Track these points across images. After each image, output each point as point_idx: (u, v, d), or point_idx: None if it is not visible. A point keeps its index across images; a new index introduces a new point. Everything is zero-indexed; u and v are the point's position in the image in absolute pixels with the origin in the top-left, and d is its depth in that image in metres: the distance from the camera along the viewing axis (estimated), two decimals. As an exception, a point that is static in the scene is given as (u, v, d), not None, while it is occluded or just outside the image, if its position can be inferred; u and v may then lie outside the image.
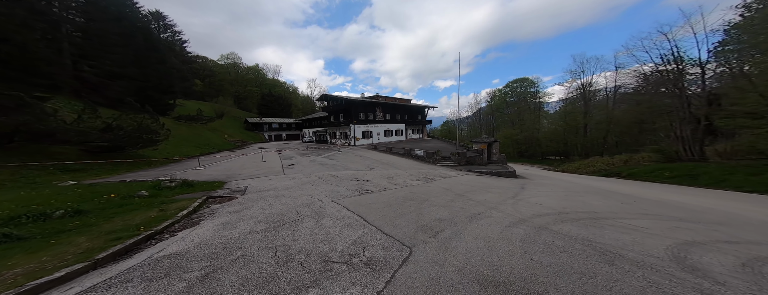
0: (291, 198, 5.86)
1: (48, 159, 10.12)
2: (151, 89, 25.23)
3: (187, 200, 4.99)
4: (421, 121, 38.85)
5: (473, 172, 11.93)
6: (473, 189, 7.34)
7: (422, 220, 4.10)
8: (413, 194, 6.54)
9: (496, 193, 6.73)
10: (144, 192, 5.23)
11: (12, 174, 7.80)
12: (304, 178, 8.92)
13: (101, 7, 22.44)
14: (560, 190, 7.88)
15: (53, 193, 5.35)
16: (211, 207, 4.87)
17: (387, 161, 15.10)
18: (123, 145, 13.10)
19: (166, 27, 35.71)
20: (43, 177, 8.20)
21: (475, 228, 3.66)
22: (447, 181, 8.93)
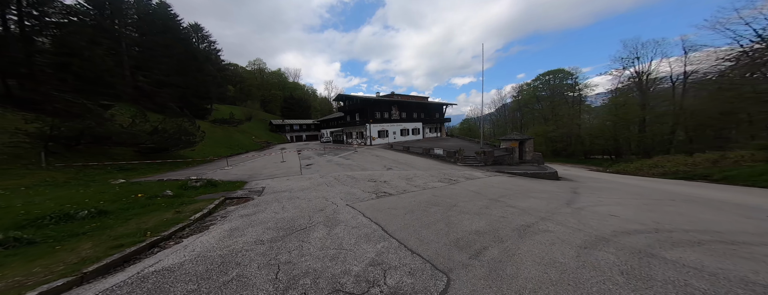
0: (305, 200, 5.57)
1: (108, 159, 11.57)
2: (191, 95, 28.03)
3: (205, 201, 4.98)
4: (439, 119, 37.14)
5: (503, 172, 10.60)
6: (509, 193, 6.30)
7: (455, 232, 3.38)
8: (437, 197, 5.78)
9: (542, 198, 5.62)
10: (169, 192, 5.39)
11: (76, 173, 8.97)
12: (320, 178, 8.71)
13: (150, 21, 25.50)
14: (631, 196, 6.38)
15: (96, 191, 5.83)
16: (227, 209, 4.77)
17: (404, 160, 14.40)
18: (167, 147, 14.54)
19: (203, 38, 39.61)
20: (101, 175, 9.29)
21: (533, 247, 2.81)
22: (474, 182, 7.96)
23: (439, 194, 6.26)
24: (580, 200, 5.53)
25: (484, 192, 6.41)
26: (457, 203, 5.24)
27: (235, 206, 5.04)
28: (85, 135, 10.31)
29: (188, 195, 5.62)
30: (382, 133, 28.79)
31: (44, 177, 7.76)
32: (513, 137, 14.51)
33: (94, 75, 14.83)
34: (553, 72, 35.53)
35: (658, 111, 23.53)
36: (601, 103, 29.65)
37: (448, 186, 7.34)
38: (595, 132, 26.86)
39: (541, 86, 37.78)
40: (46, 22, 13.66)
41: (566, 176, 11.97)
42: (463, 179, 8.72)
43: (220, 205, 4.95)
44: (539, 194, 6.26)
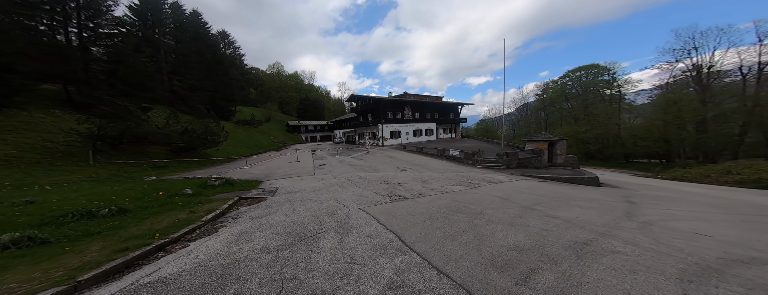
0: (317, 203, 5.35)
1: (145, 157, 12.64)
2: (218, 98, 30.07)
3: (220, 201, 4.97)
4: (454, 119, 35.65)
5: (531, 176, 9.58)
6: (545, 200, 5.52)
7: (488, 247, 2.85)
8: (458, 203, 5.22)
9: (590, 208, 4.80)
10: (189, 190, 5.52)
11: (117, 170, 9.84)
12: (332, 179, 8.54)
13: (184, 29, 27.86)
14: (714, 209, 5.29)
15: (126, 188, 6.20)
16: (239, 210, 4.69)
17: (418, 162, 13.82)
18: (195, 146, 15.57)
19: (228, 44, 42.58)
20: (138, 173, 10.09)
21: (605, 275, 2.16)
22: (498, 187, 7.21)
23: (459, 198, 5.68)
24: (643, 212, 4.60)
25: (513, 198, 5.69)
26: (482, 210, 4.65)
27: (247, 206, 4.96)
28: (126, 135, 11.34)
29: (206, 194, 5.71)
30: (395, 133, 28.31)
31: (90, 173, 8.57)
32: (541, 138, 13.18)
33: (137, 80, 16.39)
34: (586, 68, 32.09)
35: (723, 108, 19.88)
36: (649, 99, 25.73)
37: (468, 190, 6.72)
38: (640, 133, 23.41)
39: (571, 83, 34.39)
40: (99, 33, 15.39)
41: (609, 183, 10.51)
42: (484, 182, 7.99)
43: (233, 205, 4.90)
44: (584, 202, 5.38)
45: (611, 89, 29.20)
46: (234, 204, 4.96)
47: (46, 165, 8.10)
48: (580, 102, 31.92)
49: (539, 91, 39.86)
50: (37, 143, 9.03)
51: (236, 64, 41.95)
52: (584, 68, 32.23)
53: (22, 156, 7.92)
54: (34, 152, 8.41)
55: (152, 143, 13.09)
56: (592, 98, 30.51)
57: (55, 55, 13.10)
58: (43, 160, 8.26)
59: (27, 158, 8.01)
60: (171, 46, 26.25)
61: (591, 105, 30.07)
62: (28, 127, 9.81)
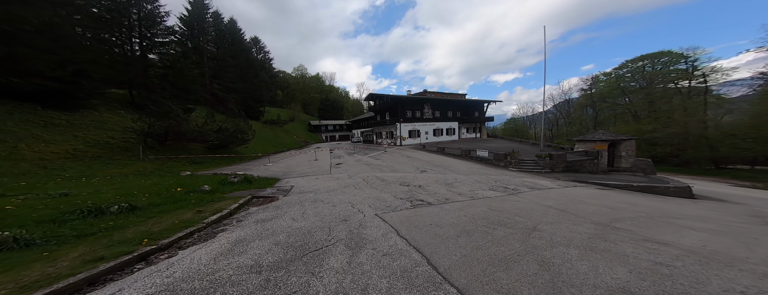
0: (329, 205, 4.81)
1: (186, 154, 13.93)
2: (249, 99, 32.53)
3: (232, 200, 4.75)
4: (479, 118, 32.87)
5: (586, 183, 7.84)
6: (625, 215, 4.18)
7: (571, 288, 1.88)
8: (497, 212, 4.19)
9: (715, 233, 3.40)
10: (206, 187, 5.49)
11: (162, 164, 10.86)
12: (348, 179, 8.03)
13: (222, 36, 30.69)
14: None
15: (155, 183, 6.52)
16: (248, 210, 4.37)
17: (439, 162, 12.63)
18: (227, 143, 16.78)
19: (260, 49, 46.16)
20: (178, 168, 10.99)
21: None
22: (545, 194, 5.87)
23: (498, 207, 4.61)
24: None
25: (573, 210, 4.42)
26: (535, 224, 3.57)
27: (257, 206, 4.64)
28: (170, 133, 12.56)
29: (222, 191, 5.64)
30: (413, 133, 27.12)
31: (139, 168, 9.53)
32: (598, 137, 10.84)
33: (184, 84, 18.33)
34: (652, 56, 26.25)
35: None
36: (753, 91, 19.39)
37: (506, 197, 5.54)
38: (741, 131, 17.84)
39: (630, 75, 28.75)
40: (154, 42, 17.55)
41: (706, 194, 8.06)
42: (524, 188, 6.65)
43: (244, 205, 4.62)
44: (694, 222, 3.89)
45: (691, 80, 23.30)
46: (245, 204, 4.69)
47: (106, 159, 9.24)
48: (643, 96, 26.41)
49: (585, 86, 34.41)
50: (102, 139, 10.41)
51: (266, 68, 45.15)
52: (649, 57, 26.44)
53: (87, 150, 9.15)
54: (97, 147, 9.68)
55: (191, 140, 14.37)
56: (660, 91, 24.93)
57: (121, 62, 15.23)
58: (103, 154, 9.45)
59: (91, 152, 9.23)
60: (212, 53, 29.09)
61: (660, 99, 24.61)
62: (97, 126, 11.42)
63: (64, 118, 10.36)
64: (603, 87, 30.73)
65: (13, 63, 8.26)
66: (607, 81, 30.45)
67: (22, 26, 7.88)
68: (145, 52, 17.20)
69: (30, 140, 7.87)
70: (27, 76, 8.56)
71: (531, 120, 49.37)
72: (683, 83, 23.87)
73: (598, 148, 10.21)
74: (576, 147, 11.65)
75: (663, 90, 25.02)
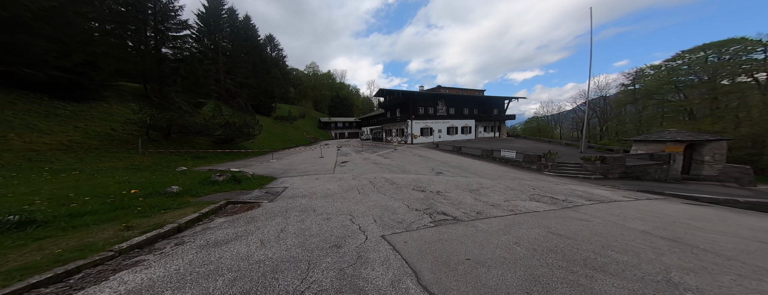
0: (321, 217, 3.61)
1: (191, 148, 13.62)
2: (261, 95, 32.71)
3: (195, 207, 3.70)
4: (498, 116, 30.35)
5: (660, 194, 6.05)
6: None
7: None
8: (563, 239, 2.78)
9: None
10: (174, 188, 4.52)
11: (161, 158, 10.44)
12: (352, 180, 6.84)
13: (236, 33, 31.05)
14: None
15: (125, 181, 5.74)
16: (210, 223, 3.23)
17: (457, 163, 11.08)
18: (232, 138, 16.41)
19: (274, 47, 46.76)
20: (179, 162, 10.51)
21: None
22: (613, 209, 4.37)
23: (561, 229, 3.16)
24: None
25: (689, 240, 2.85)
26: (657, 269, 2.09)
27: (226, 217, 3.54)
28: (173, 125, 12.23)
29: (196, 193, 4.67)
30: (425, 130, 25.45)
31: (135, 161, 9.09)
32: (671, 137, 8.55)
33: (195, 77, 18.31)
34: (718, 45, 21.98)
35: None
36: None
37: (561, 212, 4.06)
38: None
39: (687, 68, 24.61)
40: (168, 36, 17.61)
41: None
42: (579, 199, 5.10)
43: (209, 214, 3.54)
44: None
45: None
46: (211, 212, 3.60)
47: (102, 151, 8.91)
48: (705, 91, 22.40)
49: (627, 81, 30.35)
50: (104, 131, 10.18)
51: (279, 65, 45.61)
52: (714, 46, 22.20)
53: (84, 142, 8.85)
54: (96, 139, 9.40)
55: (195, 134, 14.05)
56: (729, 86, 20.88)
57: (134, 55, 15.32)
58: (101, 146, 9.14)
59: (88, 144, 8.93)
60: (226, 49, 29.47)
61: (727, 95, 20.64)
62: (104, 118, 11.30)
63: (69, 108, 10.26)
64: (650, 81, 26.74)
65: (15, 51, 8.04)
66: (656, 75, 26.39)
67: (20, 12, 7.58)
68: (159, 45, 17.28)
69: (23, 130, 7.59)
70: (31, 66, 8.34)
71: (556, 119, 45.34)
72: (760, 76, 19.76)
73: (670, 150, 8.03)
74: (634, 149, 9.47)
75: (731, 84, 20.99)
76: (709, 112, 21.71)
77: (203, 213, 3.33)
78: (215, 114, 16.22)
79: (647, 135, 9.65)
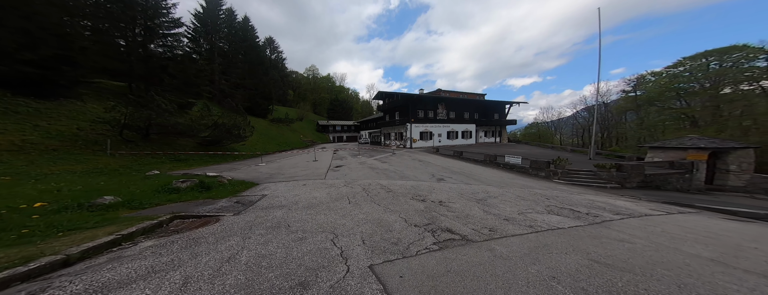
0: (296, 236, 2.79)
1: (175, 149, 12.69)
2: (257, 96, 32.05)
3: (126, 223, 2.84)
4: (499, 121, 29.98)
5: (690, 206, 5.49)
6: None
7: None
8: (619, 272, 2.01)
9: None
10: (107, 198, 3.60)
11: (133, 161, 9.50)
12: (343, 187, 6.05)
13: (234, 33, 30.71)
14: None
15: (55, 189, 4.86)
16: (134, 247, 2.35)
17: (458, 169, 10.33)
18: (220, 139, 15.53)
19: (274, 49, 46.72)
20: (152, 165, 9.56)
21: None
22: (651, 225, 3.63)
23: (606, 256, 2.38)
24: None
25: None
26: None
27: (159, 238, 2.65)
28: (153, 125, 11.36)
29: (140, 204, 3.80)
30: (425, 135, 24.84)
31: (99, 164, 8.16)
32: (693, 144, 7.88)
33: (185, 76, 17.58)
34: (720, 51, 22.08)
35: None
36: None
37: (594, 229, 3.31)
38: None
39: (689, 74, 24.65)
40: (157, 33, 17.00)
41: None
42: (604, 212, 4.39)
43: (135, 235, 2.65)
44: None
45: None
46: (139, 232, 2.71)
47: (62, 153, 7.98)
48: (707, 99, 22.24)
49: (628, 87, 30.37)
50: (69, 131, 9.27)
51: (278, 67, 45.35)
52: (715, 53, 22.27)
53: (41, 142, 7.94)
54: (56, 139, 8.48)
55: (178, 135, 13.17)
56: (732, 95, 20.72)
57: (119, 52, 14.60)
58: (61, 147, 8.22)
59: (46, 144, 8.01)
60: (223, 49, 29.03)
61: (730, 103, 20.45)
62: (73, 116, 10.40)
63: (33, 106, 9.38)
64: (652, 88, 26.69)
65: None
66: (657, 81, 26.36)
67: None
68: (147, 42, 16.63)
69: (-36, 127, 6.68)
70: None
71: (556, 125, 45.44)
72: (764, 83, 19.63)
73: (692, 158, 7.35)
74: (649, 156, 8.81)
75: (734, 92, 20.84)
76: (711, 119, 21.42)
77: (124, 235, 2.46)
78: (203, 114, 15.38)
79: (664, 141, 9.01)
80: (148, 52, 16.54)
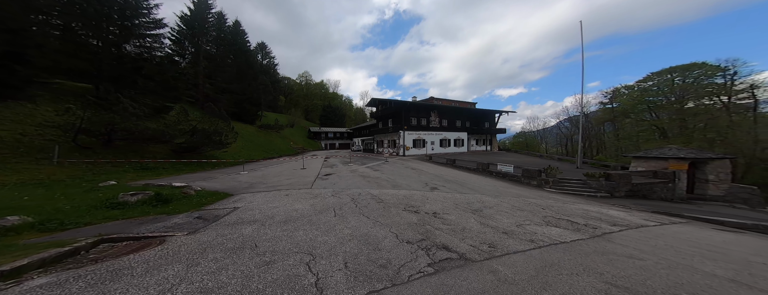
0: (261, 261, 2.27)
1: (145, 157, 11.45)
2: (245, 101, 30.97)
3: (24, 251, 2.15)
4: (490, 129, 30.83)
5: (680, 216, 5.60)
6: None
7: None
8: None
9: None
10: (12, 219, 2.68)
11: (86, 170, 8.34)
12: (330, 197, 5.53)
13: (224, 37, 30.08)
14: None
15: None
16: (18, 287, 1.74)
17: (452, 177, 10.12)
18: (197, 146, 14.40)
19: (266, 55, 46.26)
20: (111, 175, 8.38)
21: None
22: (652, 238, 3.47)
23: (620, 277, 2.08)
24: None
25: None
26: None
27: (61, 273, 1.91)
28: (116, 130, 10.26)
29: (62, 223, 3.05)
30: (418, 142, 24.85)
31: (43, 174, 7.04)
32: (673, 154, 8.15)
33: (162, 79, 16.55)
34: (683, 68, 24.51)
35: None
36: None
37: (597, 243, 3.09)
38: None
39: (656, 89, 26.99)
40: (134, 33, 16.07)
41: None
42: (601, 223, 4.25)
43: (26, 269, 1.95)
44: None
45: (731, 95, 21.06)
46: (35, 265, 1.99)
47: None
48: (674, 112, 24.21)
49: (606, 99, 32.60)
50: (11, 137, 8.07)
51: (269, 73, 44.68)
52: (679, 69, 24.68)
53: None
54: None
55: (148, 141, 12.02)
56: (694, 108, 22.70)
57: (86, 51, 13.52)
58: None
59: None
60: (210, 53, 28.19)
61: (694, 117, 22.32)
62: (19, 120, 9.16)
63: (-29, 106, 8.16)
64: (626, 100, 28.78)
65: None
66: (630, 94, 28.54)
67: None
68: (122, 42, 15.64)
69: None
70: None
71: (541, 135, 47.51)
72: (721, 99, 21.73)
73: (674, 168, 7.56)
74: (633, 165, 9.02)
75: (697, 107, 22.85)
76: (678, 131, 23.15)
77: (4, 272, 1.78)
78: (179, 119, 14.33)
79: (647, 151, 9.32)
80: (122, 52, 15.52)
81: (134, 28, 16.08)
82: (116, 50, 15.18)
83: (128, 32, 15.68)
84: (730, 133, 18.29)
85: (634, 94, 28.24)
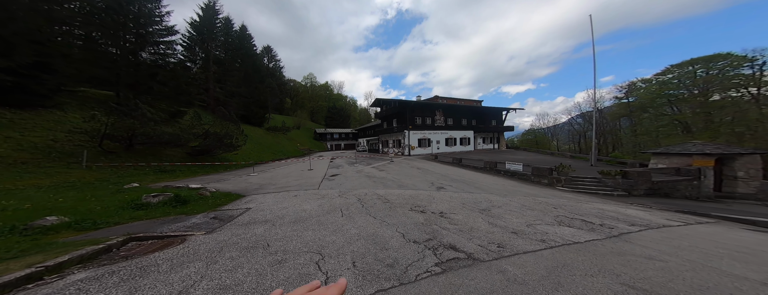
0: (274, 259, 2.40)
1: (162, 160, 12.07)
2: (253, 104, 31.85)
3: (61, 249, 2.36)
4: (497, 127, 30.14)
5: (707, 215, 5.26)
6: None
7: None
8: None
9: None
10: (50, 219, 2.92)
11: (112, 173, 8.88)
12: (337, 198, 5.64)
13: (232, 42, 31.00)
14: None
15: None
16: (61, 281, 1.85)
17: (458, 176, 9.99)
18: (210, 149, 14.98)
19: (271, 58, 47.33)
20: (134, 178, 8.93)
21: None
22: (677, 239, 3.27)
23: (639, 279, 2.00)
24: None
25: None
26: None
27: (99, 268, 2.15)
28: (136, 135, 10.85)
29: (94, 223, 3.31)
30: (423, 142, 24.68)
31: (73, 177, 7.57)
32: (698, 150, 7.71)
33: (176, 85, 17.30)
34: (705, 59, 22.92)
35: None
36: None
37: (613, 244, 2.96)
38: None
39: (677, 82, 25.50)
40: (149, 40, 16.88)
41: None
42: (619, 223, 4.07)
43: (67, 264, 2.15)
44: None
45: (760, 87, 19.61)
46: (76, 261, 2.21)
47: (32, 166, 7.40)
48: (697, 105, 22.81)
49: (621, 93, 31.14)
50: (44, 142, 8.72)
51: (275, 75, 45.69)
52: (701, 61, 23.13)
53: (9, 155, 7.37)
54: (27, 152, 7.91)
55: (165, 144, 12.62)
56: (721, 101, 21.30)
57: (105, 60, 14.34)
58: (31, 160, 7.64)
59: (15, 157, 7.44)
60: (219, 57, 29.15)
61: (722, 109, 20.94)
62: (50, 127, 9.87)
63: (7, 116, 8.87)
64: (643, 95, 27.37)
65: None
66: (648, 88, 27.10)
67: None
68: (138, 50, 16.46)
69: None
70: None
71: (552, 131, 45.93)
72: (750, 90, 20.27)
73: (698, 164, 7.15)
74: (652, 162, 8.61)
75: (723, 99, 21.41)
76: (703, 125, 21.78)
77: (49, 266, 1.99)
78: (193, 123, 14.94)
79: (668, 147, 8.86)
80: (138, 59, 16.33)
81: (149, 35, 16.86)
82: (133, 58, 16.00)
83: (143, 40, 16.47)
84: (760, 126, 17.09)
85: (653, 87, 26.77)
